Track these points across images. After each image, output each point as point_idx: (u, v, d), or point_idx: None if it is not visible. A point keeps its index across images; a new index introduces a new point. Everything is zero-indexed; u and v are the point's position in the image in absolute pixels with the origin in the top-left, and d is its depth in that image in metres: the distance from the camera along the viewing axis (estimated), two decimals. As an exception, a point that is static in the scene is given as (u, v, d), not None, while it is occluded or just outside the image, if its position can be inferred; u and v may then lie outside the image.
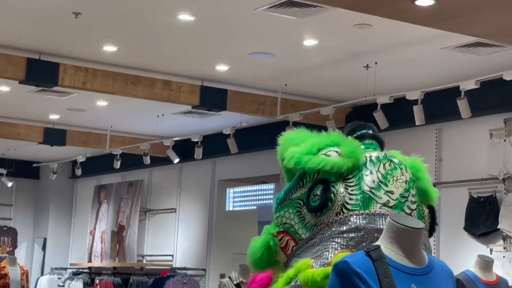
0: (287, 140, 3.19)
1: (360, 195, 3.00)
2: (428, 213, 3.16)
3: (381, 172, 3.04)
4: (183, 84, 10.12)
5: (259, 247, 3.14)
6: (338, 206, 2.99)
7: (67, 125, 13.59)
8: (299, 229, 3.07)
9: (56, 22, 7.99)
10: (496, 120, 9.39)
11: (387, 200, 3.00)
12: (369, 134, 3.22)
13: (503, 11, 5.74)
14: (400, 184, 3.04)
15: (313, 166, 3.02)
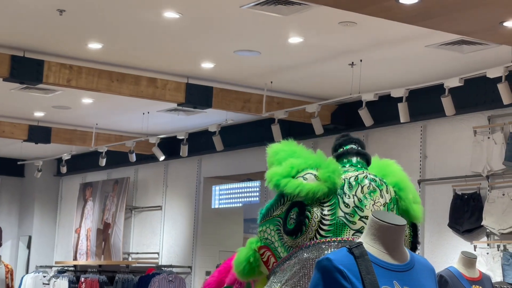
0: (272, 154, 3.22)
1: (334, 221, 3.00)
2: (409, 232, 3.16)
3: (358, 196, 3.04)
4: (169, 82, 10.12)
5: (242, 261, 3.21)
6: (312, 231, 3.01)
7: (52, 123, 13.55)
8: (278, 247, 3.12)
9: (41, 19, 7.97)
10: (479, 118, 9.45)
11: (361, 226, 2.99)
12: (354, 150, 3.22)
13: (486, 9, 5.78)
14: (377, 208, 3.04)
15: (290, 191, 3.05)
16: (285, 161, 3.14)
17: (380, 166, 3.23)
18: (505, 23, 6.08)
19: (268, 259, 3.16)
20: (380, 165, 3.23)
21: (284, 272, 3.06)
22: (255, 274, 3.21)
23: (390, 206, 3.08)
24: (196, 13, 7.66)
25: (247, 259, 3.19)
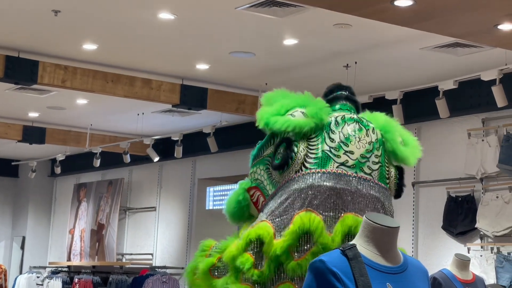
0: (265, 101, 3.32)
1: (319, 154, 3.09)
2: (395, 174, 3.22)
3: (343, 132, 3.12)
4: (163, 83, 10.11)
5: (232, 202, 3.31)
6: (298, 164, 3.09)
7: (46, 123, 13.53)
8: (267, 185, 3.21)
9: (36, 19, 7.96)
10: (474, 120, 9.46)
11: (346, 160, 3.08)
12: (343, 95, 3.28)
13: (481, 12, 5.79)
14: (363, 145, 3.12)
15: (278, 127, 3.15)
16: (276, 103, 3.27)
17: (368, 115, 3.33)
18: (500, 26, 6.09)
19: (258, 199, 3.24)
20: (368, 114, 3.34)
21: (269, 206, 3.13)
22: (244, 215, 3.27)
23: (376, 145, 3.16)
24: (191, 14, 7.66)
25: (237, 198, 3.28)
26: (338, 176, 3.03)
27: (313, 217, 2.99)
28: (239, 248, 3.09)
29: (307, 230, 2.98)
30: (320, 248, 2.98)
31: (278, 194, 3.11)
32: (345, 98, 3.28)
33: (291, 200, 3.05)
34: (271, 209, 3.11)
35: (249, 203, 3.26)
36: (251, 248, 3.06)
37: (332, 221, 3.01)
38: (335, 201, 3.02)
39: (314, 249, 2.98)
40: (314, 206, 3.01)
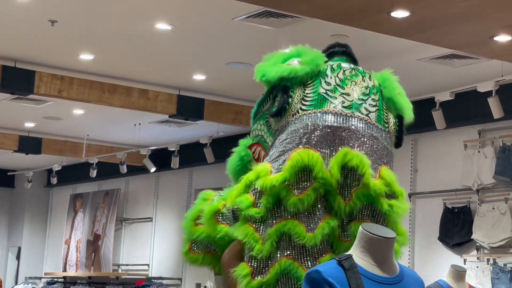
0: (264, 59, 3.35)
1: (315, 96, 3.13)
2: (395, 122, 3.25)
3: (339, 77, 3.17)
4: (160, 93, 10.12)
5: (235, 160, 3.33)
6: (294, 108, 3.13)
7: (42, 133, 13.52)
8: (267, 137, 3.26)
9: (32, 29, 7.96)
10: (470, 131, 9.47)
11: (342, 100, 3.12)
12: (341, 50, 3.35)
13: (477, 24, 5.81)
14: (359, 88, 3.17)
15: (274, 74, 3.20)
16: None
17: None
18: (496, 38, 6.11)
19: (259, 155, 3.28)
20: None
21: (269, 152, 3.16)
22: (247, 171, 3.23)
23: (373, 90, 3.19)
24: (188, 25, 7.67)
25: (239, 155, 3.31)
26: (335, 115, 3.08)
27: (311, 153, 3.01)
28: (239, 190, 3.10)
29: (306, 165, 2.98)
30: (321, 183, 2.97)
31: (277, 141, 3.13)
32: (343, 53, 3.32)
33: (288, 140, 3.09)
34: (269, 155, 3.14)
35: (252, 160, 3.29)
36: (251, 190, 3.07)
37: (330, 157, 3.02)
38: (332, 138, 3.06)
39: (316, 184, 2.98)
40: (311, 144, 3.04)
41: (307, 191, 2.96)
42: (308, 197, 2.96)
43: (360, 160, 2.99)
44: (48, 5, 7.18)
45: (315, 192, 2.97)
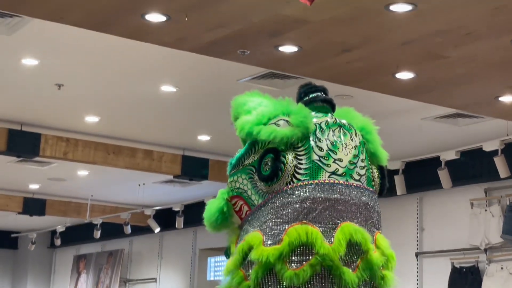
0: (239, 105, 3.30)
1: (309, 164, 3.08)
2: (378, 174, 3.26)
3: (330, 139, 3.13)
4: (165, 154, 10.12)
5: (214, 212, 3.25)
6: (288, 176, 3.08)
7: (47, 195, 13.50)
8: (252, 195, 3.18)
9: (39, 93, 8.01)
10: (476, 190, 9.43)
11: (336, 168, 3.09)
12: (320, 98, 3.31)
13: (481, 84, 5.83)
14: (349, 151, 3.15)
15: (265, 137, 3.12)
16: (255, 109, 3.22)
17: (341, 113, 3.34)
18: (500, 98, 6.12)
19: (241, 208, 3.21)
20: (342, 112, 3.35)
21: (260, 218, 3.10)
22: (227, 224, 3.25)
23: (360, 148, 3.19)
24: (192, 87, 7.71)
25: (220, 209, 3.24)
26: (331, 186, 3.06)
27: (310, 230, 3.00)
28: (236, 264, 3.07)
29: (304, 243, 2.96)
30: (319, 259, 2.96)
31: (268, 206, 3.10)
32: (321, 100, 3.31)
33: (284, 212, 3.05)
34: (262, 221, 3.10)
35: (232, 212, 3.25)
36: (246, 262, 3.06)
37: (329, 232, 3.00)
38: (331, 212, 3.04)
39: (313, 261, 2.96)
40: (310, 218, 3.02)
41: (303, 266, 2.95)
42: (304, 273, 2.94)
43: (362, 235, 3.02)
44: (55, 69, 7.23)
45: (312, 268, 2.95)
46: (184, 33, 4.98)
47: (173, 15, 4.64)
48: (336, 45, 5.26)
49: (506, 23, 4.60)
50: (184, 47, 5.31)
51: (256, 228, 3.09)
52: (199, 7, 4.51)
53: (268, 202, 3.09)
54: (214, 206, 3.28)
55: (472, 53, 5.16)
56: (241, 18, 4.70)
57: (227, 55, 5.51)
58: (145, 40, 5.27)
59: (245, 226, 3.18)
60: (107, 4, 4.52)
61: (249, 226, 3.14)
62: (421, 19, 4.63)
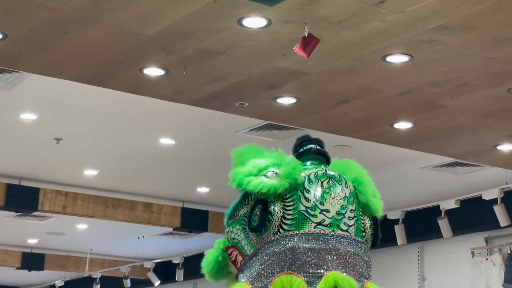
0: (236, 157, 3.32)
1: (296, 215, 3.08)
2: (370, 225, 3.24)
3: (318, 190, 3.13)
4: (164, 206, 10.10)
5: (210, 261, 3.27)
6: (275, 226, 3.09)
7: (45, 249, 13.43)
8: (245, 245, 3.19)
9: (38, 147, 8.02)
10: (477, 239, 9.39)
11: (322, 219, 3.08)
12: (314, 150, 3.32)
13: (480, 134, 5.85)
14: (337, 202, 3.13)
15: (252, 188, 3.13)
16: (248, 161, 3.25)
17: (339, 165, 3.34)
18: (499, 147, 6.14)
19: (236, 258, 3.23)
20: (340, 164, 3.35)
21: (250, 268, 3.13)
22: (224, 274, 3.27)
23: (350, 199, 3.17)
24: (191, 139, 7.72)
25: (215, 258, 3.25)
26: (316, 236, 3.07)
27: (294, 279, 3.01)
28: None
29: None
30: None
31: (257, 257, 3.15)
32: (315, 152, 3.34)
33: (270, 262, 3.09)
34: (250, 272, 3.13)
35: (228, 262, 3.29)
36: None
37: (314, 281, 3.02)
38: (316, 261, 3.06)
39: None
40: (294, 268, 3.05)
41: None
42: None
43: (349, 284, 3.03)
44: (54, 123, 7.25)
45: None
46: (182, 87, 5.01)
47: (171, 69, 4.67)
48: (334, 96, 5.29)
49: (502, 73, 4.64)
50: (182, 101, 5.34)
51: (244, 279, 3.14)
52: (197, 60, 4.55)
53: (257, 252, 3.13)
54: (210, 256, 3.33)
55: (469, 102, 5.19)
56: (239, 71, 4.74)
57: (225, 108, 5.53)
58: (144, 94, 5.30)
59: (239, 276, 3.22)
60: (105, 59, 4.56)
61: (242, 276, 3.19)
62: (418, 69, 4.66)
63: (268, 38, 4.16)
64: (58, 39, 4.26)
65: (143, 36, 4.19)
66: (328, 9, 3.80)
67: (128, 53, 4.45)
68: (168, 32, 4.13)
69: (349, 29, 4.03)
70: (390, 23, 3.95)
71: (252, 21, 3.96)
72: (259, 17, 3.91)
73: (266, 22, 3.96)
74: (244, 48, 4.33)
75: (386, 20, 3.92)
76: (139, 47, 4.35)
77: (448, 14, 3.84)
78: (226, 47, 4.31)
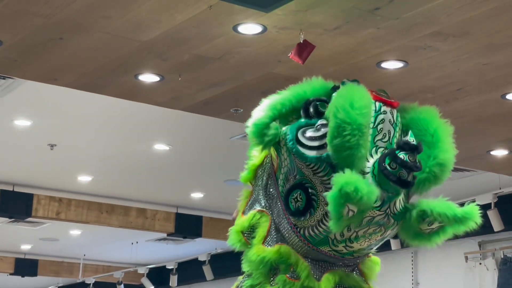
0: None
1: (321, 236, 2.97)
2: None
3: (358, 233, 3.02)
4: (158, 212, 10.10)
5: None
6: (315, 217, 2.96)
7: (39, 255, 13.40)
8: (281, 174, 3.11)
9: (32, 153, 8.01)
10: (470, 244, 9.40)
11: (341, 250, 2.99)
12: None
13: (474, 139, 5.87)
14: (368, 242, 3.03)
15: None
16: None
17: None
18: (492, 152, 6.15)
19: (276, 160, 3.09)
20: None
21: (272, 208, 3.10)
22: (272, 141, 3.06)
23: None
24: (185, 145, 7.73)
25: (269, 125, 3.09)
26: (325, 255, 3.00)
27: (301, 261, 2.99)
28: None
29: (292, 262, 2.98)
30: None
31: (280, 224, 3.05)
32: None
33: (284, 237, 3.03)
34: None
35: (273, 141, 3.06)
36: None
37: (318, 271, 2.99)
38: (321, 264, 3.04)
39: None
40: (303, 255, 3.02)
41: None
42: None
43: (354, 280, 3.07)
44: (48, 129, 7.25)
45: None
46: (177, 93, 5.01)
47: (167, 75, 4.67)
48: (328, 102, 5.28)
49: (496, 78, 4.65)
50: (177, 107, 5.34)
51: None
52: (192, 67, 4.55)
53: (282, 218, 3.03)
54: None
55: (463, 108, 5.20)
56: (234, 77, 4.74)
57: (220, 114, 5.53)
58: (138, 100, 5.30)
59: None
60: (101, 66, 4.55)
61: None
62: (413, 75, 4.67)
63: (263, 44, 4.17)
64: (53, 45, 4.25)
65: (138, 43, 4.19)
66: (323, 15, 3.81)
67: (123, 59, 4.45)
68: (164, 39, 4.13)
69: (344, 35, 4.04)
70: (385, 29, 3.96)
71: (247, 28, 3.97)
72: (254, 23, 3.92)
73: (262, 29, 3.97)
74: (239, 55, 4.33)
75: (381, 27, 3.93)
76: (135, 53, 4.35)
77: (443, 20, 3.85)
78: (221, 53, 4.32)
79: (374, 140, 2.94)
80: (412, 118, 3.14)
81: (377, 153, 2.92)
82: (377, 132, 2.96)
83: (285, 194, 3.02)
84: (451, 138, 3.11)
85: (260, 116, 3.12)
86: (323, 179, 2.89)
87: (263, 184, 3.19)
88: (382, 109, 3.00)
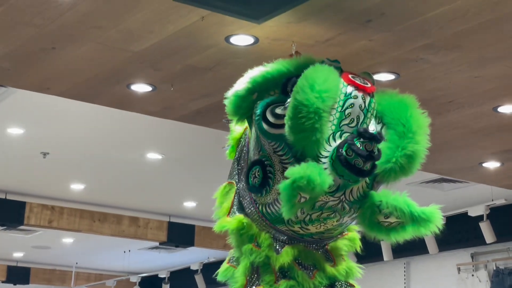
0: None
1: (277, 214, 3.03)
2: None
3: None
4: (150, 221, 10.09)
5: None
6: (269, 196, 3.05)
7: (31, 263, 13.36)
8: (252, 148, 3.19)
9: (24, 162, 8.00)
10: (463, 255, 9.41)
11: (298, 230, 3.09)
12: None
13: (466, 151, 5.88)
14: (325, 226, 3.10)
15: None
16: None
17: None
18: (484, 164, 6.16)
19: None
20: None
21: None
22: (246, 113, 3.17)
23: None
24: (178, 154, 7.72)
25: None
26: (283, 233, 3.05)
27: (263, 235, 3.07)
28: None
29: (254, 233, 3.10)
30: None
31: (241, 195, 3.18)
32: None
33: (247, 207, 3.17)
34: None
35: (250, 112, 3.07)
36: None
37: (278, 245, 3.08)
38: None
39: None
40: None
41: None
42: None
43: (313, 256, 3.12)
44: (40, 137, 7.24)
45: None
46: (169, 103, 5.01)
47: (159, 85, 4.68)
48: (321, 113, 5.29)
49: (488, 91, 4.67)
50: (169, 116, 5.34)
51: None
52: (184, 77, 4.56)
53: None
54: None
55: (455, 120, 5.21)
56: (226, 87, 4.74)
57: (212, 124, 5.53)
58: (131, 110, 5.30)
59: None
60: (93, 76, 4.56)
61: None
62: (404, 87, 4.67)
63: (255, 55, 4.18)
64: (45, 55, 4.26)
65: (131, 53, 4.20)
66: (315, 27, 3.82)
67: (115, 69, 4.45)
68: (156, 49, 4.13)
69: (336, 47, 4.05)
70: (377, 41, 3.97)
71: (239, 39, 3.97)
72: (246, 35, 3.92)
73: (254, 40, 3.98)
74: (231, 65, 4.34)
75: (373, 39, 3.94)
76: (127, 63, 4.35)
77: (435, 33, 3.86)
78: (213, 64, 4.32)
79: (340, 124, 2.90)
80: (386, 105, 3.09)
81: (341, 137, 2.88)
82: (345, 116, 2.91)
83: (247, 169, 3.04)
84: (425, 129, 3.04)
85: (239, 89, 3.11)
86: (282, 158, 2.87)
87: (237, 157, 3.23)
88: (353, 94, 2.95)
